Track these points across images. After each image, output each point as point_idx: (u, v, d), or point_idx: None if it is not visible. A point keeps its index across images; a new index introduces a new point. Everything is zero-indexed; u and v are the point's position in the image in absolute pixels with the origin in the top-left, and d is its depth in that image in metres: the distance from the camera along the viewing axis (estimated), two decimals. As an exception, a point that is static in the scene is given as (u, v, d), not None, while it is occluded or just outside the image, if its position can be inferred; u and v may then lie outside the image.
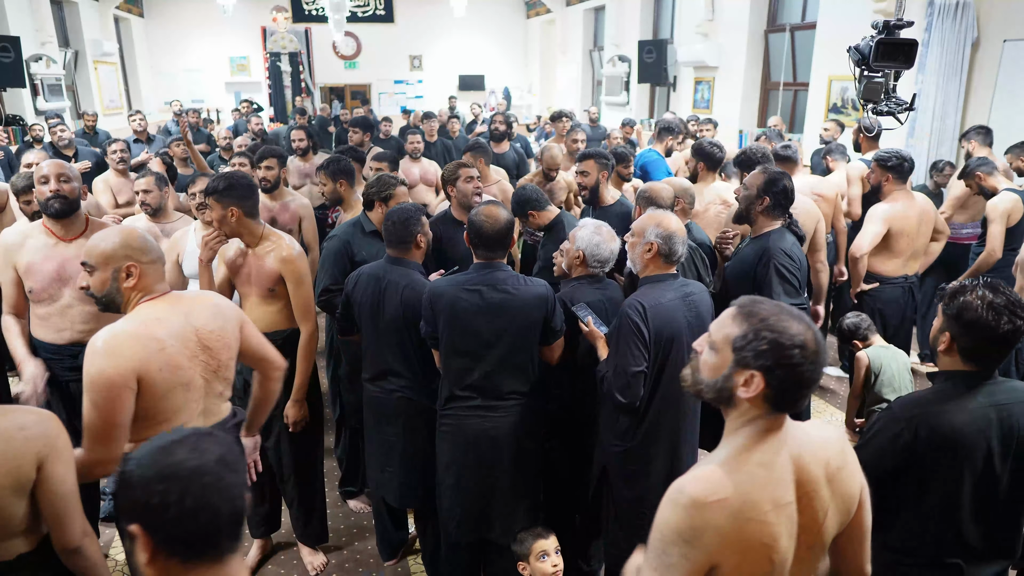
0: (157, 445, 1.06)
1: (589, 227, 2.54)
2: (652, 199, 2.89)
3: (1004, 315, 1.65)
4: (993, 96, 5.58)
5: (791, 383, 1.23)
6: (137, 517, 1.02)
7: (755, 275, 2.81)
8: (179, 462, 1.03)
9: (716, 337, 1.30)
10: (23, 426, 1.58)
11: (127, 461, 1.06)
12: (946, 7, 5.55)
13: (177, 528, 1.01)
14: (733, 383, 1.26)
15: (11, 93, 8.89)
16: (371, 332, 2.59)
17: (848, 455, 1.38)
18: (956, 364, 1.75)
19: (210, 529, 1.03)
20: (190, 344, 1.93)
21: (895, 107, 3.40)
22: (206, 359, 1.97)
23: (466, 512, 2.41)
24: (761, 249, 2.83)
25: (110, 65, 12.23)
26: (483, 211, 2.36)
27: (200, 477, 1.02)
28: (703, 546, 1.20)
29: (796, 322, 1.24)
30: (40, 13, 9.46)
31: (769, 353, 1.22)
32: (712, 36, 9.07)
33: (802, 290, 2.84)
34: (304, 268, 2.70)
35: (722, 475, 1.23)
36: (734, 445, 1.28)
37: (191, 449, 1.05)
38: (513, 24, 16.06)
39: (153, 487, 1.01)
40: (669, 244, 2.29)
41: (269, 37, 14.66)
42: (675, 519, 1.22)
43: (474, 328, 2.30)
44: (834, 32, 6.82)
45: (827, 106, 7.12)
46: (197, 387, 1.96)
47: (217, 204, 2.58)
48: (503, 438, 2.35)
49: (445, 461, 2.44)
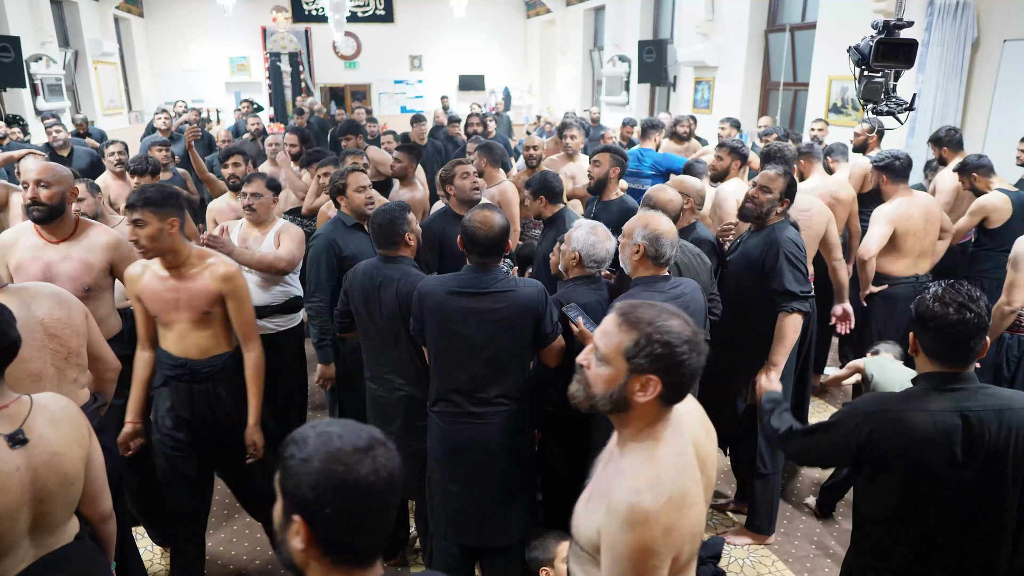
0: (338, 449, 1.01)
1: (584, 227, 2.53)
2: (657, 207, 2.87)
3: (951, 307, 1.65)
4: (993, 96, 5.58)
5: (686, 378, 1.29)
6: (303, 513, 1.01)
7: (763, 265, 2.82)
8: (359, 479, 1.00)
9: (606, 350, 1.31)
10: (72, 401, 1.66)
11: (302, 451, 1.01)
12: (946, 7, 5.54)
13: (340, 537, 1.02)
14: (629, 390, 1.29)
15: (11, 93, 8.89)
16: (369, 329, 2.58)
17: (700, 407, 1.53)
18: (927, 365, 1.74)
19: (369, 546, 1.06)
20: (36, 335, 1.92)
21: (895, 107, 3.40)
22: (55, 347, 1.97)
23: (455, 517, 2.38)
24: (768, 240, 2.84)
25: (110, 65, 12.23)
26: (477, 216, 2.28)
27: (374, 498, 1.01)
28: (670, 547, 1.24)
29: (677, 319, 1.30)
30: (40, 13, 9.46)
31: (664, 356, 1.26)
32: (712, 36, 9.06)
33: (807, 277, 2.85)
34: (244, 283, 2.50)
35: (656, 478, 1.26)
36: (648, 446, 1.31)
37: (372, 465, 1.01)
38: (513, 24, 16.05)
39: (328, 498, 0.99)
40: (656, 246, 2.26)
41: (269, 37, 14.65)
42: (638, 538, 1.22)
43: (462, 330, 2.25)
44: (834, 32, 6.82)
45: (827, 106, 7.11)
46: (49, 376, 1.95)
47: (153, 216, 2.26)
48: (492, 443, 2.30)
49: (433, 462, 2.41)
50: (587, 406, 1.36)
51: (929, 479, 1.68)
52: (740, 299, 2.92)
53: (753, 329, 2.87)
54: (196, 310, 2.42)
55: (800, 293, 2.75)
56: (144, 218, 2.27)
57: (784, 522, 3.27)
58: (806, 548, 3.10)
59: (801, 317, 2.79)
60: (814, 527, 3.23)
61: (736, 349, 2.93)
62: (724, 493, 3.49)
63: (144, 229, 2.28)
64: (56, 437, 1.58)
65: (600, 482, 1.39)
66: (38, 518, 1.56)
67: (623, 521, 1.23)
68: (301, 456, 1.01)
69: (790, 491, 3.49)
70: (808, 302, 2.81)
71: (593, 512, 1.33)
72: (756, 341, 2.86)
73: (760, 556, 3.05)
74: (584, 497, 1.41)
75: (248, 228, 3.36)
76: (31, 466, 1.52)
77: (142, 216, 2.27)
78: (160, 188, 2.36)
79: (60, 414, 1.62)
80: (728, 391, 3.00)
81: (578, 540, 1.39)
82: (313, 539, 1.00)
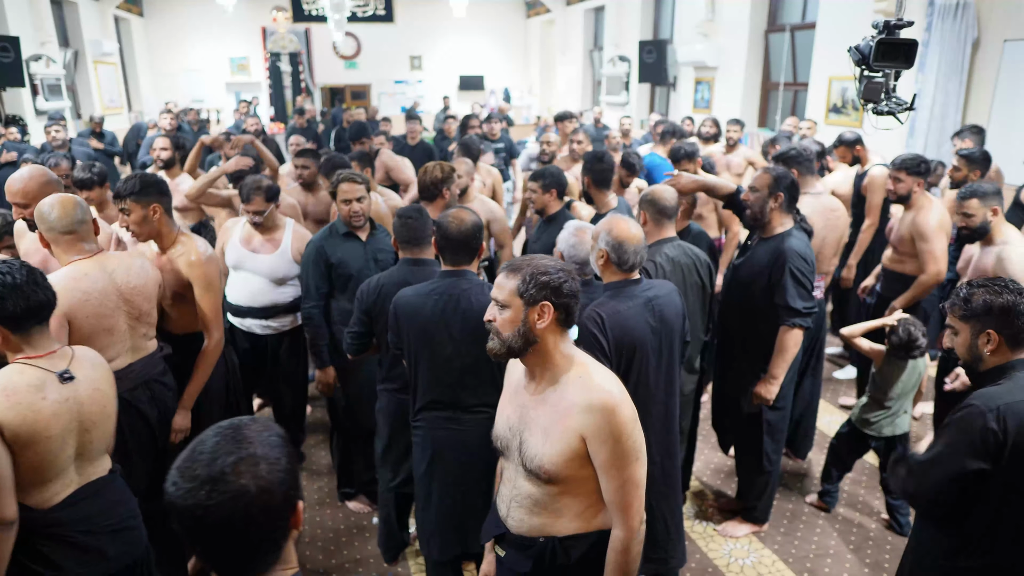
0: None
1: (570, 228, 2.53)
2: (655, 202, 2.85)
3: (1021, 294, 1.70)
4: (993, 96, 5.58)
5: (569, 296, 1.60)
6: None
7: (770, 276, 2.77)
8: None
9: (502, 297, 1.61)
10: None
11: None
12: (946, 7, 5.55)
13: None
14: (531, 321, 1.58)
15: (11, 93, 8.89)
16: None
17: None
18: (1006, 356, 1.72)
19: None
20: (112, 297, 2.27)
21: (895, 107, 3.39)
22: (128, 309, 2.34)
23: (440, 528, 2.35)
24: (776, 251, 2.77)
25: (110, 65, 12.23)
26: (451, 213, 2.29)
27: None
28: (635, 414, 1.60)
29: (544, 259, 1.63)
30: (40, 13, 9.46)
31: (546, 284, 1.57)
32: (712, 36, 9.06)
33: (813, 292, 2.82)
34: (212, 272, 2.63)
35: (603, 374, 1.63)
36: (571, 362, 1.63)
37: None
38: (513, 24, 16.06)
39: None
40: (618, 252, 2.21)
41: (269, 37, 14.66)
42: (624, 416, 1.55)
43: (437, 339, 2.23)
44: (834, 32, 6.82)
45: (827, 106, 7.11)
46: (121, 331, 2.33)
47: (136, 204, 2.53)
48: (474, 448, 2.25)
49: (418, 474, 2.38)
50: (504, 353, 1.62)
51: None
52: (748, 306, 2.88)
53: (761, 336, 2.85)
54: (172, 291, 2.64)
55: (803, 310, 2.73)
56: (128, 207, 2.54)
57: (784, 522, 3.27)
58: (806, 548, 3.10)
59: (802, 332, 2.78)
60: (814, 527, 3.23)
61: (745, 354, 2.94)
62: (724, 492, 3.49)
63: (130, 216, 2.55)
64: (97, 376, 1.93)
65: (545, 417, 1.61)
66: (82, 446, 1.87)
67: (609, 411, 1.54)
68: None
69: (791, 491, 3.49)
70: (811, 317, 2.78)
71: (564, 433, 1.57)
72: (763, 348, 2.84)
73: (760, 556, 3.05)
74: (539, 435, 1.61)
75: (252, 230, 3.34)
76: (78, 399, 1.84)
77: (127, 205, 2.54)
78: (142, 177, 2.58)
79: (97, 360, 1.98)
80: (736, 394, 3.00)
81: (546, 472, 1.59)
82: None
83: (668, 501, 2.44)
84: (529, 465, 1.62)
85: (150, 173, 2.69)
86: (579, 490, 1.63)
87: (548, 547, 1.67)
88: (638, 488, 1.61)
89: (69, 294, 2.15)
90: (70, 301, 2.15)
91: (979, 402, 1.65)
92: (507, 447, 1.70)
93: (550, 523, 1.66)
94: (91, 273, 2.24)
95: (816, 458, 3.75)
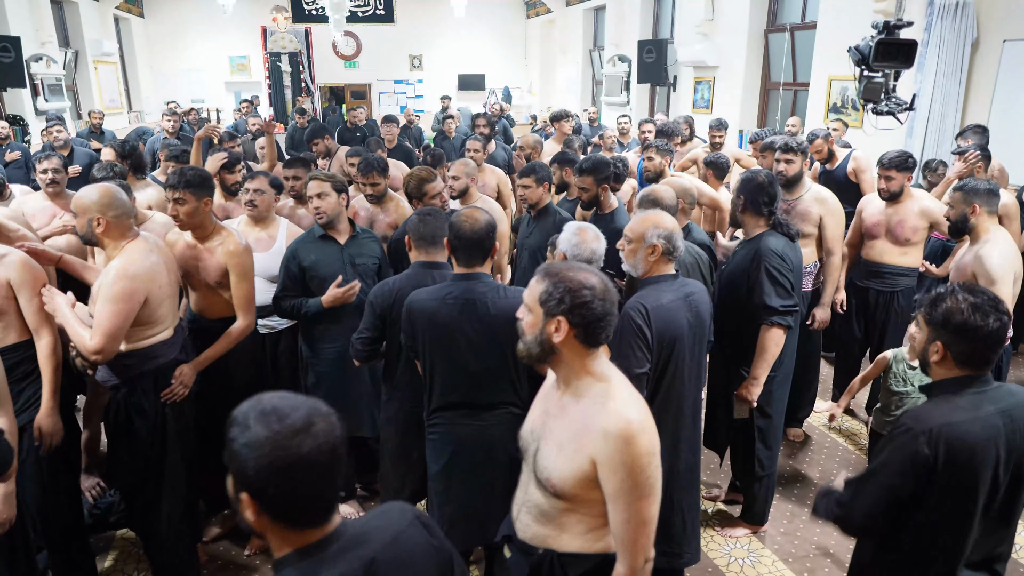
0: (277, 432, 1.03)
1: (571, 228, 2.53)
2: (657, 202, 2.86)
3: (991, 314, 1.63)
4: (993, 96, 5.58)
5: (590, 318, 1.48)
6: (250, 491, 1.04)
7: (749, 277, 2.77)
8: (301, 458, 1.03)
9: (528, 300, 1.55)
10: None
11: (243, 435, 1.04)
12: (946, 7, 5.55)
13: (288, 508, 1.07)
14: (547, 332, 1.50)
15: (11, 93, 8.89)
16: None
17: None
18: (951, 371, 1.71)
19: (319, 508, 1.10)
20: (171, 268, 2.51)
21: (895, 107, 3.41)
22: (173, 279, 2.56)
23: (457, 519, 2.33)
24: (753, 251, 2.79)
25: (110, 65, 12.23)
26: (463, 213, 2.27)
27: (318, 470, 1.04)
28: (656, 445, 1.49)
29: (584, 271, 1.52)
30: (40, 13, 9.47)
31: (566, 300, 1.47)
32: (712, 36, 9.06)
33: (795, 291, 2.79)
34: (248, 262, 2.81)
35: (625, 398, 1.50)
36: (597, 378, 1.53)
37: (313, 443, 1.04)
38: (513, 24, 16.06)
39: (272, 479, 1.02)
40: (672, 241, 2.28)
41: (269, 37, 14.66)
42: (642, 446, 1.45)
43: (455, 342, 2.21)
44: (834, 32, 6.82)
45: (827, 106, 7.11)
46: (175, 299, 2.56)
47: (192, 196, 2.70)
48: (495, 442, 2.27)
49: (435, 470, 2.35)
50: (526, 356, 1.56)
51: (983, 486, 1.64)
52: (733, 309, 2.87)
53: (745, 338, 2.83)
54: (212, 280, 2.79)
55: (780, 308, 2.71)
56: (184, 197, 2.68)
57: (784, 522, 3.27)
58: (806, 548, 3.10)
59: (783, 331, 2.76)
60: (814, 527, 3.23)
61: (731, 358, 2.93)
62: (715, 483, 3.49)
63: (184, 207, 2.69)
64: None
65: (562, 431, 1.53)
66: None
67: (625, 439, 1.44)
68: (243, 441, 1.03)
69: (791, 491, 3.49)
70: (792, 316, 2.76)
71: (576, 453, 1.49)
72: (748, 351, 2.83)
73: (760, 556, 3.05)
74: (554, 448, 1.55)
75: (247, 227, 3.34)
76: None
77: (183, 195, 2.67)
78: (197, 171, 2.74)
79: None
80: (725, 396, 2.99)
81: (553, 486, 1.54)
82: (262, 512, 1.05)
83: (689, 495, 2.45)
84: (540, 475, 1.58)
85: (201, 168, 2.90)
86: (586, 510, 1.57)
87: (546, 560, 1.64)
88: (646, 525, 1.50)
89: (148, 272, 2.36)
90: (150, 276, 2.37)
91: (913, 424, 1.65)
92: (526, 450, 1.67)
93: (552, 536, 1.62)
94: (152, 250, 2.46)
95: (816, 458, 3.76)
